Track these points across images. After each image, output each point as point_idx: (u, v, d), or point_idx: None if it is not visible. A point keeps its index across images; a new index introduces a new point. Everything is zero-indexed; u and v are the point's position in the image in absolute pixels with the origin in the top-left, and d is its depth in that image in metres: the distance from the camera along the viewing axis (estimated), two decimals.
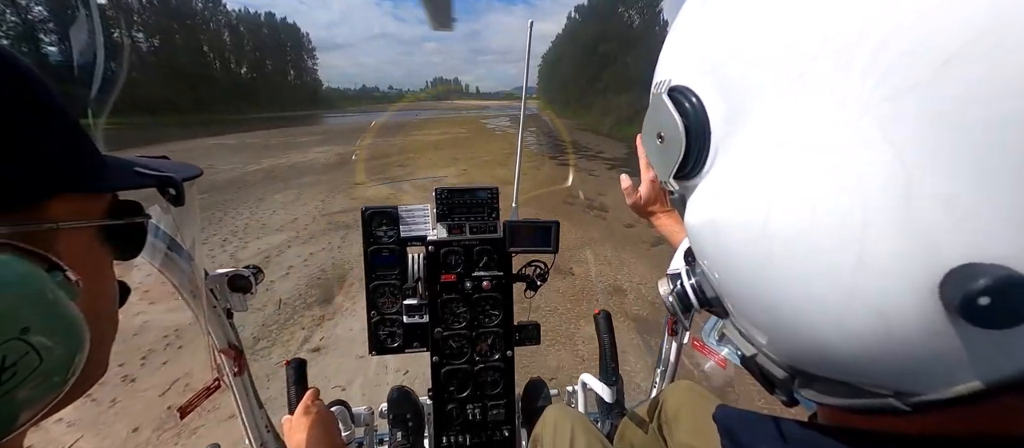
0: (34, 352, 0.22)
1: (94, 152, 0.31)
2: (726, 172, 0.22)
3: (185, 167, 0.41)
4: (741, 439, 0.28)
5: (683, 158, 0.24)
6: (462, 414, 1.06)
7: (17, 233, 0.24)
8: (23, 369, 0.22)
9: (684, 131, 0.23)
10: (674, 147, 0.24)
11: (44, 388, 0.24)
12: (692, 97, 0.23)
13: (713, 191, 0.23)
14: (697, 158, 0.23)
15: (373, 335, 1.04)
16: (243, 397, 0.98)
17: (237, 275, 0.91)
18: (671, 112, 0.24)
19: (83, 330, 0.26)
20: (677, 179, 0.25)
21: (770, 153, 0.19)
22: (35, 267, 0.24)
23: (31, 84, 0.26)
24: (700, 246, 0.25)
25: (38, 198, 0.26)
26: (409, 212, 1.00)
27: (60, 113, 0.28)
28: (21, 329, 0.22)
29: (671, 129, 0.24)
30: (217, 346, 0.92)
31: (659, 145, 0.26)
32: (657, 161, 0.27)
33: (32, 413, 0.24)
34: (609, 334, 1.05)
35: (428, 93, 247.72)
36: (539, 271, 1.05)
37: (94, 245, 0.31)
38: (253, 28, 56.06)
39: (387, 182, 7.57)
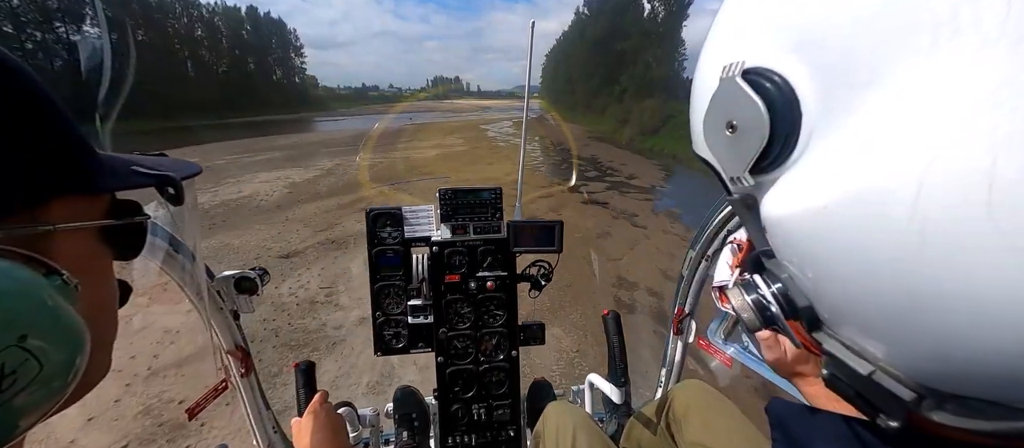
0: (33, 359, 0.24)
1: (91, 152, 0.34)
2: (833, 155, 0.21)
3: (185, 165, 0.45)
4: (796, 434, 0.30)
5: (766, 146, 0.24)
6: (467, 414, 1.19)
7: (14, 238, 0.26)
8: (23, 376, 0.24)
9: (768, 117, 0.23)
10: (753, 136, 0.24)
11: (44, 394, 0.26)
12: (775, 78, 0.23)
13: (816, 178, 0.22)
14: (784, 145, 0.23)
15: (378, 336, 1.18)
16: (250, 398, 1.11)
17: (243, 277, 1.05)
18: (750, 97, 0.24)
19: (83, 334, 0.28)
20: (754, 173, 0.25)
21: (911, 123, 0.18)
22: (32, 272, 0.26)
23: (23, 84, 0.28)
24: (793, 243, 0.24)
25: (35, 201, 0.29)
26: (413, 213, 1.14)
27: (54, 112, 0.30)
28: (19, 336, 0.24)
29: (749, 116, 0.24)
30: (224, 347, 1.07)
31: (730, 136, 0.26)
32: (727, 155, 0.27)
33: (33, 419, 0.26)
34: (618, 335, 1.17)
35: (428, 93, 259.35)
36: (543, 271, 1.19)
37: (93, 246, 0.35)
38: (232, 24, 56.52)
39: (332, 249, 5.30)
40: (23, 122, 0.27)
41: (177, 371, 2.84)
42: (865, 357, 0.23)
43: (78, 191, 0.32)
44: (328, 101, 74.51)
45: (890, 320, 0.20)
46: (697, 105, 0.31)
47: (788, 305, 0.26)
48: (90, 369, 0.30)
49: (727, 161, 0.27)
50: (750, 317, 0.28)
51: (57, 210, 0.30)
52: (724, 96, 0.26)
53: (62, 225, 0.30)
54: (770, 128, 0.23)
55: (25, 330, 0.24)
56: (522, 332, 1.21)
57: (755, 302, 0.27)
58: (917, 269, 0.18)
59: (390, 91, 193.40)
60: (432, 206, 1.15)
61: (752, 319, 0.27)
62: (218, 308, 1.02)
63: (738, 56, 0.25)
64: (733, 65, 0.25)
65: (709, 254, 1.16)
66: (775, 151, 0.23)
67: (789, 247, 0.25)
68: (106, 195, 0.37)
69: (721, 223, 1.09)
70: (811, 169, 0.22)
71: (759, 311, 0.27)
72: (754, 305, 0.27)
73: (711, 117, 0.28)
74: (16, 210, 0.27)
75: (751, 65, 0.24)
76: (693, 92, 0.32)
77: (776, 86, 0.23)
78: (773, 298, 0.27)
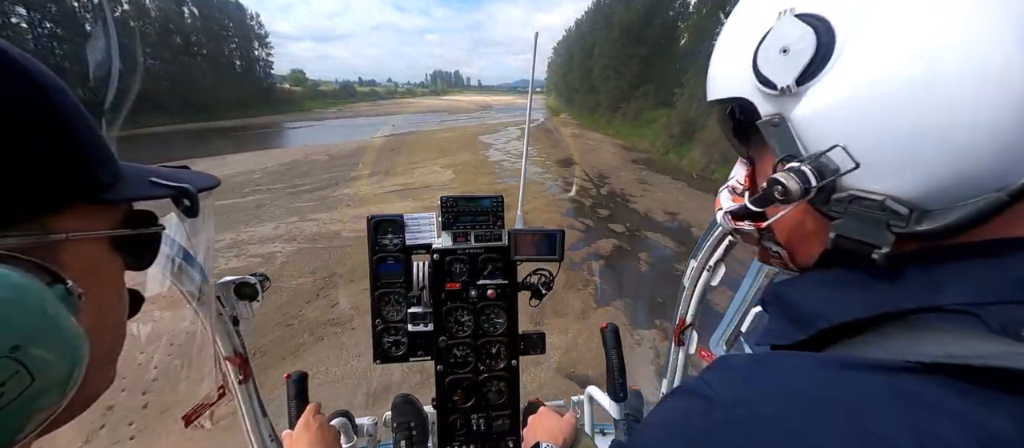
0: (25, 370, 0.29)
1: (110, 160, 0.42)
2: (862, 55, 0.43)
3: (203, 177, 0.56)
4: (787, 296, 0.53)
5: (811, 60, 0.45)
6: (466, 425, 1.49)
7: (22, 245, 0.33)
8: (13, 389, 0.29)
9: (815, 40, 0.45)
10: (802, 55, 0.46)
11: (36, 406, 0.31)
12: (818, 16, 0.46)
13: (851, 71, 0.44)
14: (823, 58, 0.45)
15: (377, 343, 1.51)
16: (248, 405, 1.43)
17: (244, 283, 1.36)
18: (804, 28, 0.46)
19: (82, 345, 0.34)
20: (801, 82, 0.47)
21: (913, 24, 0.41)
22: (33, 280, 0.31)
23: (48, 94, 0.36)
24: (832, 119, 0.46)
25: (51, 210, 0.36)
26: (414, 220, 1.49)
27: (81, 122, 0.38)
28: (11, 347, 0.29)
29: (800, 42, 0.46)
30: (222, 354, 1.37)
31: (783, 57, 0.48)
32: (778, 71, 0.48)
33: (26, 431, 0.32)
34: (616, 348, 1.45)
35: (426, 90, 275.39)
36: (544, 280, 1.50)
37: (105, 255, 0.43)
38: (170, 3, 54.07)
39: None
40: (38, 130, 0.35)
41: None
42: (876, 191, 0.44)
43: (92, 200, 0.40)
44: (301, 100, 73.13)
45: (903, 153, 0.42)
46: (741, 45, 0.54)
47: (820, 173, 0.45)
48: (91, 381, 0.37)
49: (779, 76, 0.48)
50: (795, 186, 0.46)
51: (74, 218, 0.39)
52: (782, 29, 0.48)
53: (76, 234, 0.38)
54: (815, 48, 0.45)
55: (18, 340, 0.29)
56: (522, 341, 1.53)
57: (797, 174, 0.46)
58: (927, 109, 0.40)
59: (383, 87, 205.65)
60: (433, 214, 1.50)
61: (796, 188, 0.46)
62: (217, 314, 1.31)
63: (789, 3, 0.49)
64: (787, 9, 0.48)
65: (710, 265, 1.49)
66: (816, 63, 0.46)
67: (828, 125, 0.46)
68: (122, 205, 0.46)
69: (722, 234, 1.43)
70: (845, 68, 0.44)
71: (801, 181, 0.45)
72: (797, 176, 0.46)
73: (767, 45, 0.50)
74: (25, 216, 0.35)
75: (801, 10, 0.47)
76: (731, 39, 0.57)
77: (820, 21, 0.45)
78: (809, 170, 0.46)
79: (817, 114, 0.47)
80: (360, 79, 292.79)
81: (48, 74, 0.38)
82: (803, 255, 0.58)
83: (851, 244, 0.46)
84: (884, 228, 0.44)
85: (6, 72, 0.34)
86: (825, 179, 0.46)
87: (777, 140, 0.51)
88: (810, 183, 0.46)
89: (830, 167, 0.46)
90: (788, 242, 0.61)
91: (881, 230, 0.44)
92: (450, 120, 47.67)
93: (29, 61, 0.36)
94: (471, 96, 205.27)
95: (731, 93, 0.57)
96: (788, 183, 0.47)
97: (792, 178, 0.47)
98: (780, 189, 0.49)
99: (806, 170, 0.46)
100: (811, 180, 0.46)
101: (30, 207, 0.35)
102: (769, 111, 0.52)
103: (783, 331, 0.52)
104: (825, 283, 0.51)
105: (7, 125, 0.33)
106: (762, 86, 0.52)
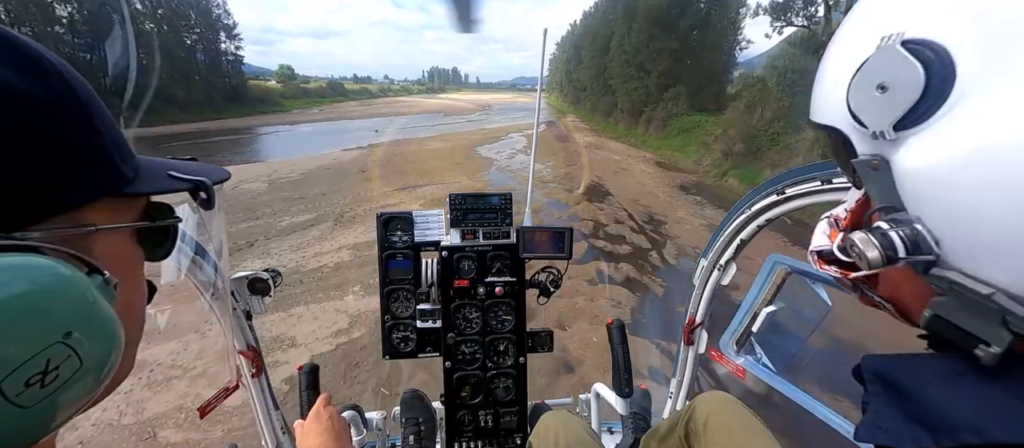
0: (75, 355, 0.38)
1: (131, 155, 0.53)
2: (988, 109, 0.40)
3: (215, 170, 0.67)
4: (902, 380, 0.50)
5: (916, 103, 0.44)
6: (474, 421, 1.80)
7: (57, 237, 0.42)
8: (65, 372, 0.38)
9: (924, 78, 0.43)
10: (904, 95, 0.45)
11: (82, 389, 0.40)
12: (934, 46, 0.44)
13: (969, 127, 0.41)
14: (933, 103, 0.43)
15: (386, 339, 1.82)
16: (260, 398, 1.74)
17: (256, 278, 1.67)
18: (910, 62, 0.44)
19: (119, 331, 0.43)
20: (899, 128, 0.46)
21: None
22: (77, 271, 0.40)
23: (77, 92, 0.46)
24: (935, 183, 0.44)
25: (82, 203, 0.46)
26: (424, 217, 1.81)
27: (102, 119, 0.48)
28: (65, 333, 0.38)
29: (903, 78, 0.45)
30: (235, 348, 1.67)
31: (878, 96, 0.47)
32: (872, 111, 0.48)
33: (68, 414, 0.41)
34: (622, 345, 1.74)
35: (424, 86, 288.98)
36: (552, 277, 1.82)
37: (128, 247, 0.55)
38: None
39: None
40: (71, 127, 0.45)
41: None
42: (989, 284, 0.42)
43: (117, 193, 0.50)
44: (279, 98, 72.87)
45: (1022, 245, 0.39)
46: (837, 71, 0.54)
47: (913, 243, 0.44)
48: (119, 368, 0.45)
49: (872, 118, 0.48)
50: (875, 255, 0.46)
51: (99, 211, 0.48)
52: (880, 61, 0.47)
53: (104, 226, 0.48)
54: (925, 86, 0.43)
55: (70, 327, 0.38)
56: (530, 339, 1.83)
57: (881, 241, 0.46)
58: None
59: (375, 85, 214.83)
60: (442, 211, 1.81)
61: (877, 257, 0.46)
62: (231, 308, 1.59)
63: (897, 28, 0.47)
64: (892, 35, 0.46)
65: (721, 264, 1.80)
66: (923, 108, 0.44)
67: (926, 192, 0.45)
68: (142, 198, 0.57)
69: (733, 233, 1.74)
70: (968, 118, 0.42)
71: (884, 249, 0.45)
72: (880, 243, 0.45)
73: (862, 79, 0.50)
74: (60, 210, 0.44)
75: (911, 36, 0.45)
76: (830, 61, 0.57)
77: (935, 53, 0.43)
78: (899, 238, 0.45)
79: (921, 170, 0.46)
80: (355, 76, 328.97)
81: (75, 73, 0.48)
82: (914, 313, 0.55)
83: (951, 331, 0.45)
84: (999, 323, 0.41)
85: (40, 72, 0.43)
86: (918, 254, 0.45)
87: (876, 186, 0.51)
88: (896, 253, 0.46)
89: (926, 241, 0.45)
90: (894, 300, 0.59)
91: (993, 324, 0.42)
92: (445, 124, 47.20)
93: (59, 60, 0.46)
94: (469, 95, 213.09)
95: (826, 121, 0.58)
96: (865, 249, 0.47)
97: (872, 243, 0.47)
98: (857, 254, 0.49)
99: (894, 236, 0.46)
100: (898, 250, 0.46)
101: (65, 201, 0.45)
102: (867, 151, 0.52)
103: (899, 430, 0.49)
104: (971, 377, 0.47)
105: (44, 123, 0.42)
106: (855, 123, 0.52)
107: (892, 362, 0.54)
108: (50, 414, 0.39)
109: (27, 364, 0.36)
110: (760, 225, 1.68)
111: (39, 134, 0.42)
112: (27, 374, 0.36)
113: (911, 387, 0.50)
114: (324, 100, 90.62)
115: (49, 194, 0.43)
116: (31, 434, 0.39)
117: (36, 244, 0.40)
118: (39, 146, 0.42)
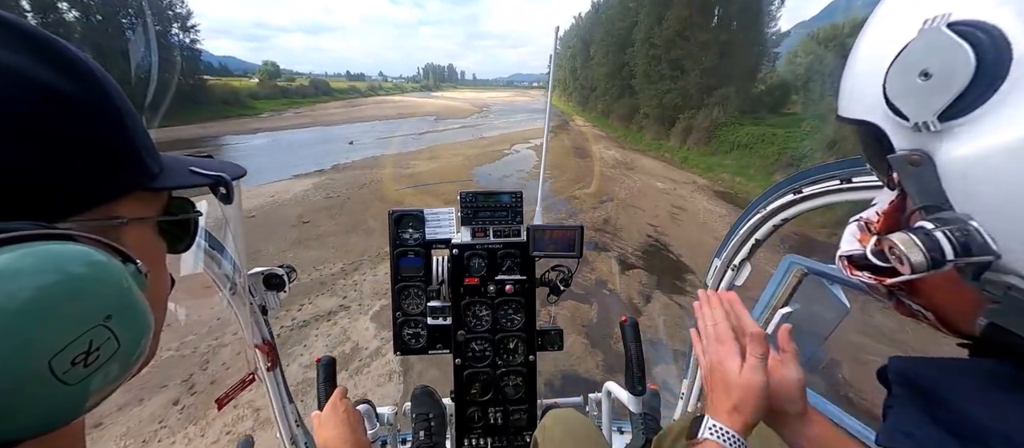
0: (114, 338, 0.48)
1: (156, 151, 0.66)
2: None
3: (232, 166, 0.83)
4: (930, 385, 0.54)
5: (965, 91, 0.47)
6: (484, 418, 2.14)
7: (95, 228, 0.52)
8: (105, 353, 0.47)
9: (975, 63, 0.46)
10: (952, 81, 0.47)
11: (116, 371, 0.50)
12: (985, 27, 0.46)
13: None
14: (986, 89, 0.46)
15: (397, 335, 2.17)
16: (275, 391, 2.07)
17: (272, 274, 1.99)
18: (959, 45, 0.47)
19: (151, 318, 0.54)
20: (945, 118, 0.49)
21: None
22: (113, 259, 0.50)
23: (110, 91, 0.57)
24: (985, 183, 0.47)
25: (117, 196, 0.58)
26: (435, 215, 2.15)
27: (131, 116, 0.60)
28: (106, 316, 0.47)
29: (950, 63, 0.47)
30: (251, 342, 1.98)
31: (921, 84, 0.50)
32: (914, 100, 0.52)
33: (101, 396, 0.51)
34: (636, 343, 1.99)
35: (417, 86, 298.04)
36: (562, 276, 2.16)
37: (153, 238, 0.68)
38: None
39: None
40: (111, 126, 0.57)
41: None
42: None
43: (145, 187, 0.62)
44: (243, 98, 68.26)
45: None
46: (872, 59, 0.59)
47: (963, 244, 0.47)
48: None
49: (914, 108, 0.52)
50: (920, 258, 0.48)
51: (129, 204, 0.60)
52: (923, 46, 0.51)
53: (132, 217, 0.60)
54: (975, 73, 0.47)
55: (110, 310, 0.48)
56: (540, 337, 2.17)
57: (926, 242, 0.48)
58: None
59: (365, 82, 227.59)
60: (453, 209, 2.16)
61: (921, 261, 0.48)
62: (247, 303, 1.89)
63: (941, 9, 0.50)
64: (936, 18, 0.50)
65: (735, 263, 2.10)
66: (973, 95, 0.48)
67: (983, 182, 0.47)
68: (165, 192, 0.70)
69: (748, 233, 2.02)
70: (1021, 107, 0.45)
71: (929, 250, 0.48)
72: (924, 245, 0.48)
73: (901, 66, 0.53)
74: (96, 204, 0.55)
75: (959, 17, 0.48)
76: (863, 50, 0.62)
77: (987, 34, 0.46)
78: (946, 238, 0.48)
79: (972, 163, 0.48)
80: (348, 72, 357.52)
81: (106, 73, 0.58)
82: (959, 323, 0.58)
83: (1013, 339, 0.48)
84: None
85: (74, 70, 0.53)
86: (969, 256, 0.47)
87: (916, 184, 0.54)
88: (944, 256, 0.47)
89: (979, 241, 0.47)
90: (933, 306, 0.60)
91: None
92: (437, 130, 45.41)
93: (92, 61, 0.56)
94: (465, 93, 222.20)
95: (859, 115, 0.62)
96: (908, 252, 0.49)
97: (916, 246, 0.49)
98: (897, 255, 0.51)
99: (940, 237, 0.48)
100: (946, 252, 0.47)
101: (101, 195, 0.56)
102: (906, 146, 0.55)
103: (926, 435, 0.53)
104: (1008, 386, 0.51)
105: (80, 120, 0.53)
106: (893, 115, 0.55)
107: (922, 365, 0.60)
108: (88, 394, 0.49)
109: (74, 343, 0.45)
110: (776, 224, 1.91)
111: (78, 133, 0.53)
112: (74, 353, 0.45)
113: (941, 392, 0.55)
114: (305, 100, 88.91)
115: (88, 190, 0.54)
116: (70, 413, 0.48)
117: (77, 233, 0.49)
118: (78, 144, 0.53)
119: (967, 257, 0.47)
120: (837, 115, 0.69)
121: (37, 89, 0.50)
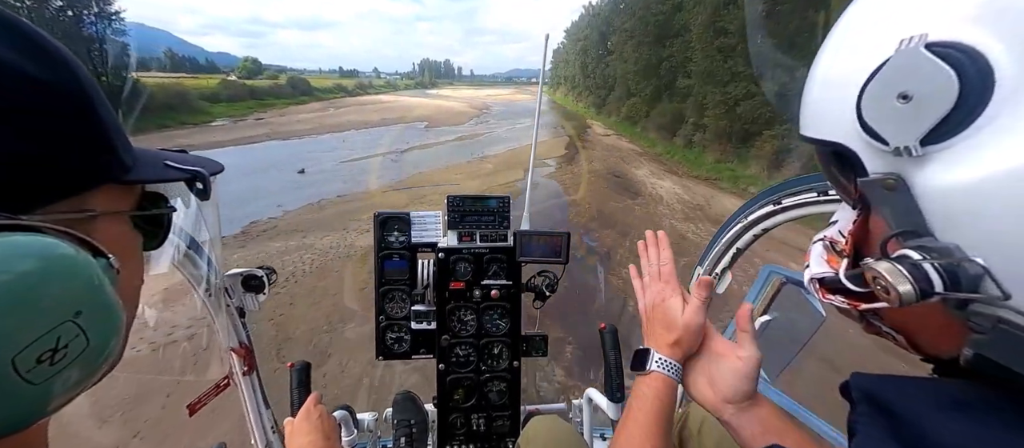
0: (83, 334, 0.54)
1: (129, 144, 0.77)
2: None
3: (209, 161, 0.95)
4: (893, 404, 0.62)
5: (948, 114, 0.53)
6: (467, 424, 2.57)
7: (64, 220, 0.58)
8: (73, 351, 0.53)
9: (958, 85, 0.52)
10: (934, 105, 0.54)
11: (85, 370, 0.56)
12: (965, 49, 0.53)
13: (1014, 140, 0.49)
14: (969, 113, 0.52)
15: (380, 340, 2.61)
16: (251, 396, 2.46)
17: (251, 275, 2.37)
18: (940, 67, 0.53)
19: (122, 315, 0.61)
20: (927, 142, 0.55)
21: None
22: (83, 253, 0.56)
23: (81, 78, 0.66)
24: (970, 211, 0.53)
25: (86, 188, 0.66)
26: (421, 218, 2.58)
27: (104, 107, 0.70)
28: (75, 312, 0.52)
29: (933, 86, 0.54)
30: (227, 345, 2.36)
31: (900, 106, 0.57)
32: (894, 124, 0.58)
33: (67, 397, 0.57)
34: (615, 350, 2.36)
35: (412, 82, 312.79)
36: (548, 281, 2.58)
37: (127, 233, 0.79)
38: None
39: None
40: (76, 113, 0.65)
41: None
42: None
43: (119, 181, 0.72)
44: (193, 100, 61.63)
45: None
46: (842, 79, 0.67)
47: (952, 277, 0.52)
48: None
49: (894, 132, 0.59)
50: (908, 289, 0.54)
51: (101, 197, 0.70)
52: (901, 67, 0.58)
53: (104, 211, 0.70)
54: (958, 96, 0.53)
55: (80, 306, 0.53)
56: (525, 343, 2.60)
57: (914, 273, 0.54)
58: None
59: (354, 80, 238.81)
60: (440, 212, 2.57)
61: (909, 293, 0.53)
62: (224, 305, 2.22)
63: (918, 29, 0.57)
64: (913, 38, 0.56)
65: (717, 272, 2.49)
66: (956, 119, 0.54)
67: (968, 210, 0.54)
68: (139, 187, 0.81)
69: (729, 241, 2.39)
70: (1011, 132, 0.51)
71: (918, 282, 0.53)
72: (913, 276, 0.53)
73: (878, 88, 0.60)
74: (65, 195, 0.63)
75: (937, 38, 0.55)
76: (829, 68, 0.72)
77: (968, 56, 0.53)
78: (935, 270, 0.54)
79: (956, 190, 0.55)
80: (341, 68, 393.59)
81: (76, 59, 0.66)
82: (932, 347, 0.66)
83: (1001, 371, 0.55)
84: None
85: (47, 58, 0.61)
86: (958, 291, 0.54)
87: (891, 210, 0.62)
88: (933, 288, 0.54)
89: (969, 274, 0.54)
90: (906, 331, 0.69)
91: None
92: (425, 147, 40.30)
93: (61, 45, 0.64)
94: (463, 91, 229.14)
95: (827, 136, 0.70)
96: (896, 283, 0.56)
97: (904, 278, 0.55)
98: (883, 287, 0.58)
99: (929, 269, 0.55)
100: (935, 285, 0.54)
101: (71, 185, 0.64)
102: (880, 169, 0.63)
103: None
104: (979, 411, 0.58)
105: (52, 108, 0.60)
106: (869, 138, 0.62)
107: (883, 383, 0.67)
108: (54, 394, 0.54)
109: (40, 340, 0.50)
110: (756, 235, 2.24)
111: (46, 121, 0.59)
112: (39, 350, 0.50)
113: (903, 412, 0.62)
114: (278, 102, 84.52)
115: (55, 177, 0.61)
116: (34, 414, 0.53)
117: (44, 225, 0.54)
118: (41, 125, 0.59)
119: (956, 291, 0.53)
120: (800, 134, 0.76)
121: (1, 72, 0.56)
